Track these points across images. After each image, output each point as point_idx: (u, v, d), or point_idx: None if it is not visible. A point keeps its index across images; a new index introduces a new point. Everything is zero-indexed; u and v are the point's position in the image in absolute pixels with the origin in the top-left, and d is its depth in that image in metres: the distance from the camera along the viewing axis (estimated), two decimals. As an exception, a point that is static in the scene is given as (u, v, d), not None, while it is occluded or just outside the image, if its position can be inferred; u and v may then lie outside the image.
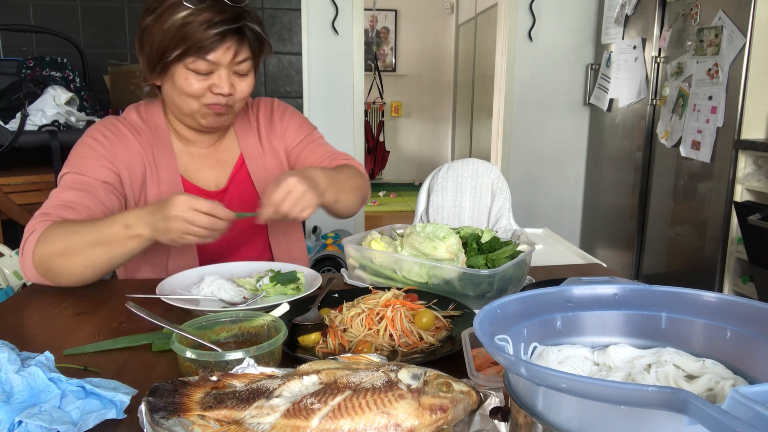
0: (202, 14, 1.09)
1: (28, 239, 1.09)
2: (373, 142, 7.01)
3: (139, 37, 1.17)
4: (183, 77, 1.14)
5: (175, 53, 1.11)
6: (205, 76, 1.14)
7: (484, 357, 0.75)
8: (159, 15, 1.11)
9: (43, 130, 2.28)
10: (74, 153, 1.23)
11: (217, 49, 1.11)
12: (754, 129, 2.56)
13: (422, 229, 1.12)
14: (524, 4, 3.68)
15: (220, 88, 1.15)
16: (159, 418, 0.59)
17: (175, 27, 1.09)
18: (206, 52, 1.11)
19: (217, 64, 1.13)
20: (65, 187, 1.17)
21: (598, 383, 0.42)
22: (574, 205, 4.01)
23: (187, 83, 1.14)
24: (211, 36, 1.09)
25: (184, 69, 1.13)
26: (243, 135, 1.36)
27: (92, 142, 1.22)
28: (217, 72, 1.14)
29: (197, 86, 1.15)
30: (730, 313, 0.57)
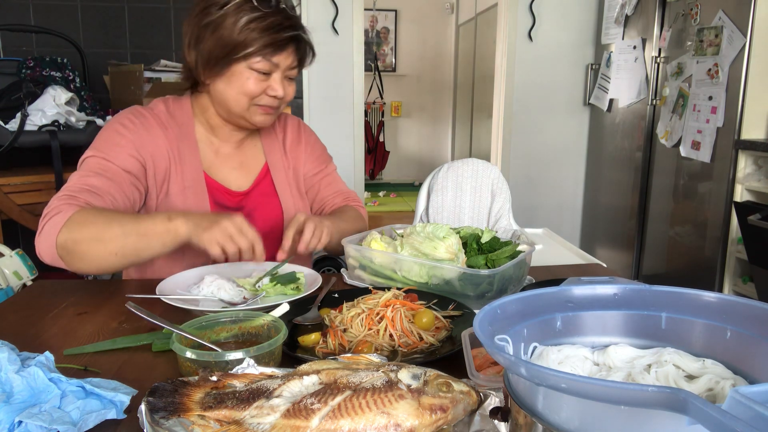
0: (271, 18, 1.16)
1: (52, 219, 1.07)
2: (373, 142, 7.01)
3: (196, 33, 1.19)
4: (244, 77, 1.19)
5: (246, 51, 1.16)
6: (264, 76, 1.20)
7: (484, 357, 0.75)
8: (227, 13, 1.15)
9: (43, 130, 2.28)
10: (101, 138, 1.22)
11: (281, 53, 1.19)
12: (754, 129, 2.56)
13: (422, 229, 1.12)
14: (524, 4, 3.68)
15: (275, 91, 1.21)
16: (159, 418, 0.59)
17: (247, 26, 1.15)
18: (272, 54, 1.18)
19: (277, 67, 1.20)
20: (91, 171, 1.16)
21: (598, 383, 0.42)
22: (574, 206, 4.01)
23: (247, 83, 1.19)
24: (283, 38, 1.17)
25: (246, 69, 1.18)
26: (269, 145, 1.40)
27: (120, 128, 1.22)
28: (274, 74, 1.21)
29: (255, 87, 1.20)
30: (730, 313, 0.57)
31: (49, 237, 1.06)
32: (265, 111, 1.25)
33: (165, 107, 1.30)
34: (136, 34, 3.03)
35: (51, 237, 1.06)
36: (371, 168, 7.10)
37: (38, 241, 1.08)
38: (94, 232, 1.04)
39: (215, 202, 1.29)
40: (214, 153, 1.32)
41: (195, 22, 1.19)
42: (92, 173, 1.16)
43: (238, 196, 1.33)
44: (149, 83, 2.66)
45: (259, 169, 1.37)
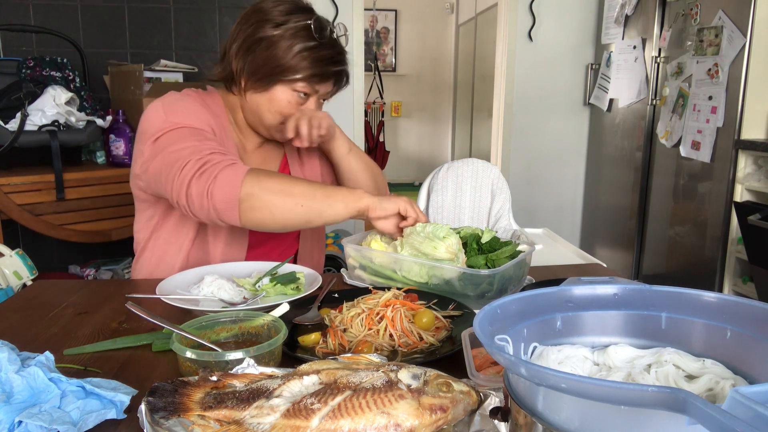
0: (325, 51, 1.21)
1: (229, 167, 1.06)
2: (373, 142, 7.01)
3: (247, 43, 1.20)
4: (285, 98, 1.23)
5: (294, 76, 1.20)
6: (301, 99, 1.24)
7: (484, 357, 0.75)
8: (284, 35, 1.18)
9: (43, 130, 2.28)
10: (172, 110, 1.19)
11: (326, 83, 1.25)
12: (754, 129, 2.56)
13: (422, 229, 1.12)
14: (524, 4, 3.68)
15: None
16: (159, 418, 0.59)
17: (300, 53, 1.18)
18: (318, 83, 1.23)
19: (317, 92, 1.25)
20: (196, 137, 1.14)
21: (598, 383, 0.42)
22: (574, 205, 4.01)
23: (286, 104, 1.23)
24: (332, 72, 1.24)
25: (289, 90, 1.22)
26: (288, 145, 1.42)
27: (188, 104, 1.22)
28: (311, 98, 1.26)
29: (291, 109, 1.24)
30: (730, 313, 0.57)
31: (232, 183, 1.05)
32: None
33: (199, 96, 1.29)
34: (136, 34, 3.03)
35: (235, 183, 1.05)
36: (371, 168, 7.08)
37: (214, 187, 1.05)
38: (283, 186, 1.08)
39: None
40: (242, 148, 1.35)
41: (249, 32, 1.20)
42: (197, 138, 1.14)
43: None
44: (149, 83, 2.66)
45: (278, 164, 1.41)
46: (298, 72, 1.19)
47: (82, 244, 2.49)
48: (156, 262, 1.30)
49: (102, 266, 2.74)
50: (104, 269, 2.71)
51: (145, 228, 1.31)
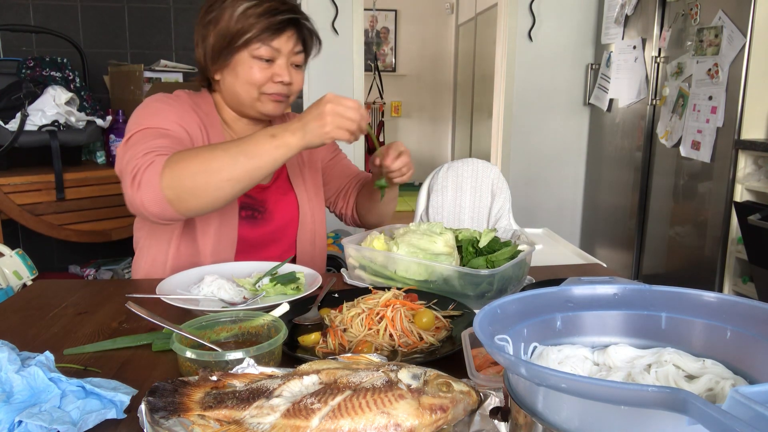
0: (267, 4, 1.19)
1: (146, 170, 1.04)
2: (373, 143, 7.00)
3: (201, 32, 1.24)
4: (248, 65, 1.21)
5: (244, 38, 1.18)
6: (267, 64, 1.22)
7: (484, 357, 0.75)
8: (222, 6, 1.20)
9: (43, 130, 2.28)
10: (142, 115, 1.20)
11: (280, 36, 1.20)
12: (754, 129, 2.56)
13: (417, 228, 1.13)
14: (524, 4, 3.68)
15: (281, 77, 1.22)
16: (159, 418, 0.59)
17: (242, 15, 1.18)
18: (271, 38, 1.20)
19: (278, 51, 1.21)
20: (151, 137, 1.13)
21: (598, 383, 0.42)
22: (574, 205, 4.01)
23: (251, 71, 1.21)
24: (276, 22, 1.19)
25: (248, 57, 1.20)
26: None
27: (160, 104, 1.23)
28: (277, 60, 1.22)
29: (260, 75, 1.21)
30: (730, 313, 0.57)
31: (152, 184, 1.03)
32: (274, 99, 1.25)
33: (188, 97, 1.30)
34: (136, 34, 3.03)
35: (154, 183, 1.03)
36: (371, 168, 7.09)
37: (140, 193, 1.03)
38: (200, 165, 1.02)
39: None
40: None
41: (201, 22, 1.24)
42: (151, 137, 1.13)
43: (261, 188, 1.35)
44: (149, 83, 2.66)
45: None
46: (247, 32, 1.18)
47: (82, 244, 2.49)
48: (151, 260, 1.30)
49: (102, 266, 2.74)
50: (104, 269, 2.71)
51: (143, 225, 1.32)
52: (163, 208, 1.04)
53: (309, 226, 1.44)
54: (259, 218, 1.34)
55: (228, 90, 1.27)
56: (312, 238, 1.45)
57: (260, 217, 1.34)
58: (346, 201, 1.53)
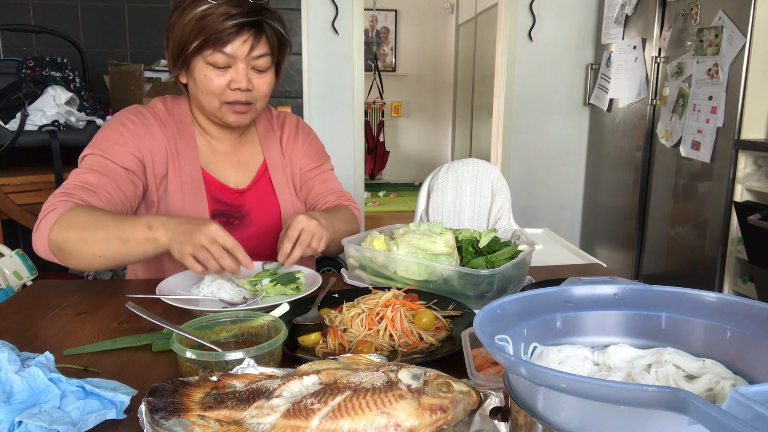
0: (221, 7, 1.13)
1: (46, 216, 1.08)
2: (373, 142, 7.01)
3: (165, 34, 1.23)
4: (203, 73, 1.18)
5: (194, 45, 1.15)
6: (222, 70, 1.17)
7: (484, 357, 0.75)
8: (182, 11, 1.17)
9: (43, 130, 2.28)
10: (100, 135, 1.23)
11: (233, 41, 1.15)
12: (754, 129, 2.56)
13: (417, 228, 1.13)
14: (524, 4, 3.68)
15: (237, 83, 1.17)
16: (159, 418, 0.59)
17: (194, 20, 1.14)
18: (223, 44, 1.14)
19: (234, 57, 1.16)
20: (88, 169, 1.17)
21: (598, 383, 0.42)
22: (574, 205, 4.01)
23: (206, 79, 1.18)
24: (227, 27, 1.13)
25: (203, 63, 1.17)
26: (266, 142, 1.40)
27: (119, 126, 1.23)
28: (234, 66, 1.17)
29: (216, 82, 1.18)
30: (730, 313, 0.57)
31: (42, 233, 1.08)
32: (234, 110, 1.22)
33: (164, 106, 1.31)
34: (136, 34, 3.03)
35: (44, 233, 1.08)
36: (371, 168, 7.10)
37: (34, 236, 1.10)
38: (80, 233, 1.05)
39: (213, 199, 1.30)
40: (211, 151, 1.33)
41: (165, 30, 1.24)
42: (89, 170, 1.17)
43: (236, 193, 1.33)
44: (149, 83, 2.66)
45: (257, 167, 1.38)
46: (195, 40, 1.14)
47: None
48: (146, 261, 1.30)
49: (102, 266, 2.73)
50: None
51: None
52: (48, 256, 1.10)
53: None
54: (236, 224, 1.31)
55: (192, 96, 1.26)
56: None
57: (237, 222, 1.32)
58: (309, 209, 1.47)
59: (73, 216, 1.07)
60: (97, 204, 1.13)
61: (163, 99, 1.33)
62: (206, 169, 1.31)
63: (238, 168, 1.35)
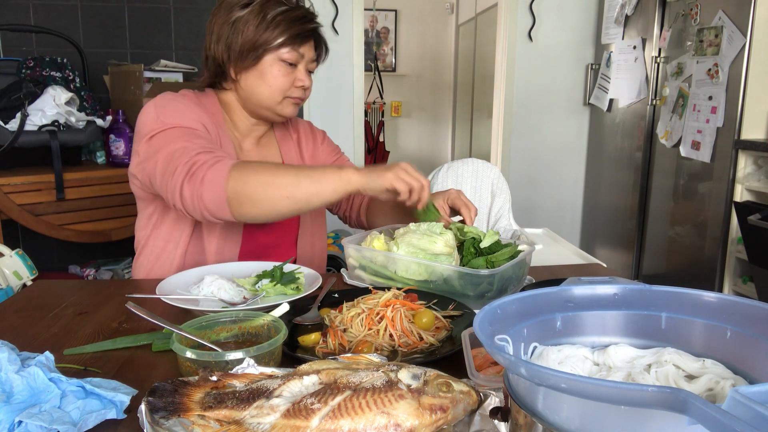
0: (297, 11, 1.25)
1: (212, 167, 1.07)
2: (373, 142, 7.01)
3: (224, 30, 1.24)
4: (275, 68, 1.25)
5: (277, 41, 1.22)
6: (291, 68, 1.26)
7: (484, 357, 0.75)
8: (254, 9, 1.22)
9: (43, 130, 2.28)
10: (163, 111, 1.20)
11: (306, 43, 1.27)
12: (754, 129, 2.56)
13: (417, 228, 1.13)
14: (524, 4, 3.68)
15: (303, 81, 1.28)
16: (159, 418, 0.59)
17: (277, 19, 1.22)
18: (300, 45, 1.25)
19: (302, 57, 1.27)
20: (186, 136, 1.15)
21: (598, 383, 0.42)
22: (574, 205, 4.01)
23: (278, 74, 1.25)
24: (308, 29, 1.26)
25: (276, 60, 1.24)
26: (284, 144, 1.45)
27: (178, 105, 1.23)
28: (299, 66, 1.28)
29: (285, 79, 1.26)
30: (730, 313, 0.57)
31: (216, 182, 1.06)
32: (295, 102, 1.31)
33: (194, 95, 1.31)
34: (136, 34, 3.03)
35: (220, 181, 1.06)
36: (371, 168, 7.09)
37: (202, 188, 1.06)
38: (266, 177, 1.07)
39: None
40: (238, 147, 1.35)
41: (223, 20, 1.24)
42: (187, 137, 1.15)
43: None
44: (149, 83, 2.66)
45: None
46: (279, 36, 1.22)
47: (82, 244, 2.49)
48: (155, 259, 1.30)
49: (102, 266, 2.74)
50: (104, 269, 2.71)
51: (146, 225, 1.32)
52: (220, 207, 1.07)
53: (309, 228, 1.44)
54: (257, 225, 1.33)
55: (249, 90, 1.28)
56: (312, 240, 1.45)
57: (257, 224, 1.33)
58: (349, 204, 1.52)
59: (251, 164, 1.09)
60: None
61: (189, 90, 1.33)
62: None
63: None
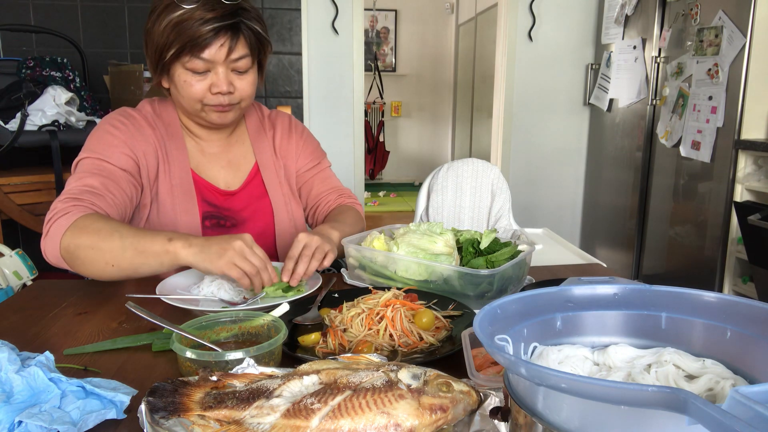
0: (196, 12, 1.10)
1: (57, 221, 1.06)
2: (373, 142, 7.01)
3: (144, 39, 1.19)
4: (182, 79, 1.16)
5: (171, 52, 1.12)
6: (202, 75, 1.15)
7: (484, 357, 0.75)
8: (157, 16, 1.14)
9: (43, 130, 2.28)
10: (93, 138, 1.21)
11: (210, 46, 1.12)
12: (754, 129, 2.56)
13: (417, 228, 1.13)
14: (524, 4, 3.68)
15: (218, 87, 1.16)
16: (159, 418, 0.59)
17: (170, 26, 1.11)
18: (200, 50, 1.12)
19: (212, 62, 1.14)
20: (88, 172, 1.16)
21: (598, 383, 0.42)
22: (574, 205, 4.01)
23: (186, 84, 1.16)
24: (204, 33, 1.10)
25: (182, 69, 1.15)
26: (258, 143, 1.38)
27: (111, 129, 1.22)
28: (214, 70, 1.15)
29: (197, 87, 1.16)
30: (730, 313, 0.57)
31: (54, 239, 1.06)
32: (218, 110, 1.20)
33: (152, 108, 1.29)
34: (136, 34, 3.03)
35: (56, 239, 1.05)
36: (371, 168, 7.10)
37: (44, 243, 1.07)
38: (94, 240, 1.02)
39: (204, 200, 1.29)
40: (201, 152, 1.32)
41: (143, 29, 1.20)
42: (89, 174, 1.16)
43: (227, 195, 1.32)
44: (149, 83, 2.66)
45: (249, 169, 1.36)
46: (172, 46, 1.12)
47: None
48: None
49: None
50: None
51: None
52: (58, 262, 1.08)
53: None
54: (228, 226, 1.30)
55: (175, 100, 1.25)
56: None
57: (229, 225, 1.30)
58: (315, 219, 1.45)
59: (87, 222, 1.04)
60: (105, 207, 1.11)
61: (150, 101, 1.32)
62: (196, 171, 1.30)
63: (228, 169, 1.34)
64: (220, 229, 1.29)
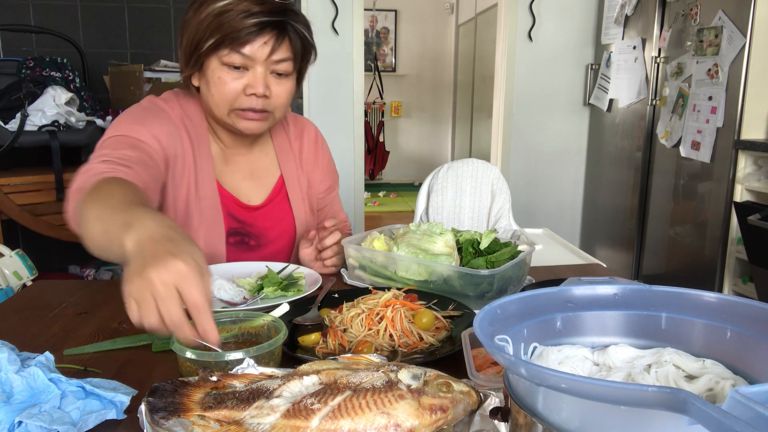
0: (241, 4, 1.04)
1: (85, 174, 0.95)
2: (373, 142, 7.01)
3: (180, 31, 1.12)
4: (216, 75, 1.07)
5: (209, 43, 1.05)
6: (239, 72, 1.07)
7: (484, 357, 0.75)
8: (198, 6, 1.07)
9: (43, 130, 2.28)
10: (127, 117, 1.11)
11: (253, 42, 1.05)
12: (754, 129, 2.56)
13: (417, 228, 1.13)
14: (524, 4, 3.68)
15: (253, 88, 1.08)
16: (159, 418, 0.59)
17: (211, 16, 1.04)
18: (241, 44, 1.05)
19: (252, 60, 1.06)
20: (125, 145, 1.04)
21: (598, 383, 0.42)
22: (574, 205, 4.01)
23: (220, 81, 1.07)
24: (247, 26, 1.04)
25: (218, 64, 1.07)
26: (283, 156, 1.30)
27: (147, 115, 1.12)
28: (252, 69, 1.08)
29: (231, 86, 1.08)
30: (730, 313, 0.57)
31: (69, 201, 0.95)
32: (246, 116, 1.11)
33: (179, 105, 1.19)
34: (136, 34, 3.03)
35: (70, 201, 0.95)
36: (371, 168, 7.10)
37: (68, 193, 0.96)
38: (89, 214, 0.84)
39: (229, 215, 1.21)
40: (224, 160, 1.23)
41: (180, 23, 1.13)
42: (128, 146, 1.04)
43: (250, 209, 1.24)
44: (149, 83, 2.66)
45: (273, 182, 1.28)
46: (210, 37, 1.04)
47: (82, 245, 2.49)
48: None
49: (102, 266, 2.74)
50: (104, 269, 2.71)
51: None
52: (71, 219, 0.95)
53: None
54: (252, 244, 1.24)
55: (204, 100, 1.15)
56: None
57: (252, 242, 1.24)
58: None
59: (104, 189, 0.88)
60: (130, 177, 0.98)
61: (175, 94, 1.21)
62: (219, 181, 1.21)
63: (251, 180, 1.25)
64: (243, 246, 1.22)
